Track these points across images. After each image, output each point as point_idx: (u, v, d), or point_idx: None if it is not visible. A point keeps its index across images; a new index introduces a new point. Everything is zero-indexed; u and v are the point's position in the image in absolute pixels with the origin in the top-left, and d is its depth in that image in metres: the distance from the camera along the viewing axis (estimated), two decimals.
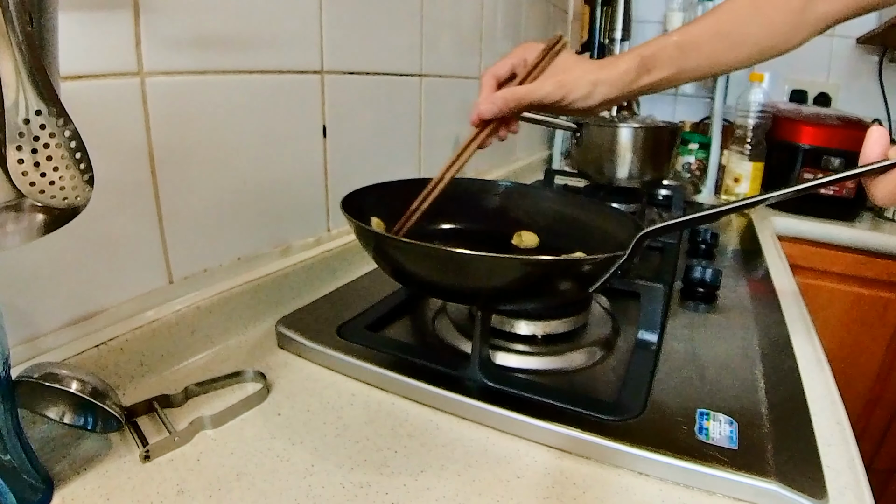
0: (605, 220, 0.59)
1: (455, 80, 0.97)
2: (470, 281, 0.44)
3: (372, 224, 0.55)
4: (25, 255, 0.40)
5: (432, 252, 0.42)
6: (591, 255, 0.44)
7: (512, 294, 0.46)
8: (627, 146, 1.00)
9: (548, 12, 1.44)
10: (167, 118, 0.48)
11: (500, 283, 0.44)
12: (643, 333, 0.56)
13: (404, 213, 0.58)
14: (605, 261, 0.43)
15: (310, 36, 0.63)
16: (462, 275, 0.44)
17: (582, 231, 0.61)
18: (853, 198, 1.28)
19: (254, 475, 0.38)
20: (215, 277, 0.56)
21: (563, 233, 0.62)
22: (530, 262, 0.43)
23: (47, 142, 0.27)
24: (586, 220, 0.62)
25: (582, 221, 0.62)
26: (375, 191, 0.58)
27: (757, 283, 0.78)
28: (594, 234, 0.59)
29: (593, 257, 0.44)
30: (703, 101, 1.69)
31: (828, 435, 0.44)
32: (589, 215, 0.62)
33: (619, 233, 0.53)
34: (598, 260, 0.43)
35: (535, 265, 0.43)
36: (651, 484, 0.39)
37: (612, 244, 0.51)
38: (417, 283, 0.51)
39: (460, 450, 0.42)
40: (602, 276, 0.45)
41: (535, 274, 0.43)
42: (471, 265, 0.42)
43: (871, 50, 1.53)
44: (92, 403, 0.37)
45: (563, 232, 0.62)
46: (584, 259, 0.46)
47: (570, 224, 0.63)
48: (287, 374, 0.51)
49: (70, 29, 0.39)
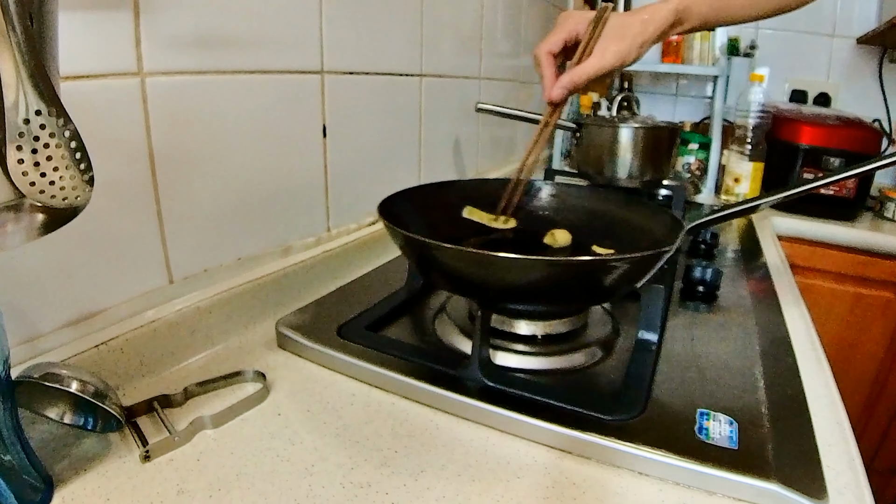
0: (637, 215, 0.59)
1: (455, 80, 0.97)
2: (522, 283, 0.45)
3: (465, 212, 0.55)
4: (25, 255, 0.40)
5: (492, 259, 0.43)
6: (639, 252, 0.45)
7: (562, 294, 0.47)
8: (627, 146, 1.00)
9: (548, 12, 1.44)
10: (167, 118, 0.48)
11: (553, 284, 0.45)
12: (643, 333, 0.56)
13: (444, 215, 0.62)
14: (652, 256, 0.44)
15: (310, 36, 0.63)
16: (515, 278, 0.45)
17: (613, 226, 0.61)
18: (853, 198, 1.28)
19: (254, 475, 0.38)
20: (215, 277, 0.56)
21: (593, 229, 0.63)
22: (581, 263, 0.44)
23: (47, 142, 0.27)
24: (617, 216, 0.62)
25: (612, 217, 0.63)
26: (413, 194, 0.60)
27: (757, 283, 0.78)
28: (626, 230, 0.59)
29: (642, 254, 0.44)
30: (703, 101, 1.69)
31: (828, 435, 0.44)
32: (620, 210, 0.62)
33: (654, 227, 0.53)
34: (647, 256, 0.44)
35: (583, 265, 0.44)
36: (651, 484, 0.39)
37: (648, 239, 0.51)
38: (469, 288, 0.51)
39: (460, 450, 0.42)
40: (649, 271, 0.45)
41: (587, 273, 0.44)
42: (530, 269, 0.43)
43: (871, 50, 1.53)
44: (92, 403, 0.37)
45: (593, 228, 0.63)
46: (635, 256, 0.46)
47: (600, 220, 0.63)
48: (287, 374, 0.51)
49: (70, 29, 0.39)
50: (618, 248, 0.61)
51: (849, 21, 1.53)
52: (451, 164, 1.01)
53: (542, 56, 0.61)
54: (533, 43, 1.35)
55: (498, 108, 0.91)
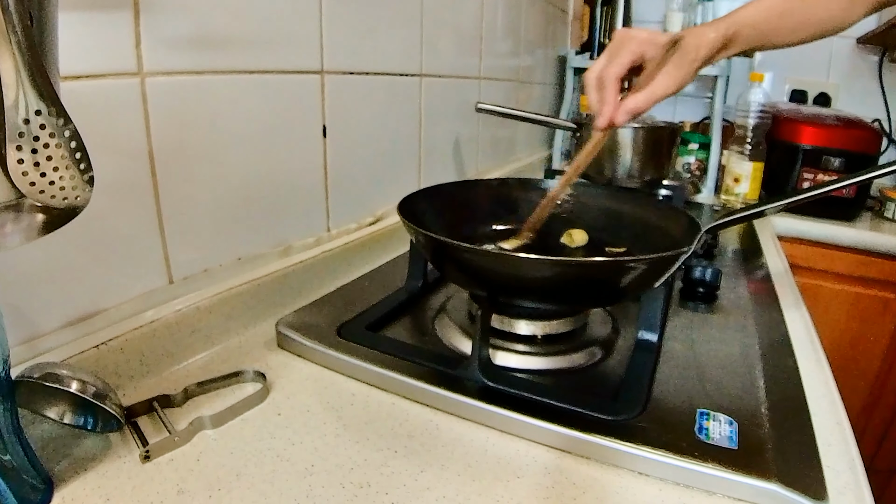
0: (653, 215, 0.60)
1: (455, 80, 0.97)
2: (541, 283, 0.46)
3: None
4: (25, 255, 0.40)
5: (519, 261, 0.44)
6: (656, 254, 0.46)
7: (579, 294, 0.48)
8: (627, 146, 1.00)
9: (548, 12, 1.44)
10: (167, 118, 0.48)
11: (570, 285, 0.46)
12: (643, 333, 0.56)
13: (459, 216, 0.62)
14: (670, 258, 0.44)
15: (310, 36, 0.63)
16: (536, 278, 0.46)
17: (629, 226, 0.61)
18: (853, 198, 1.28)
19: (254, 475, 0.38)
20: (215, 277, 0.56)
21: (609, 229, 0.63)
22: (600, 264, 0.45)
23: (47, 142, 0.27)
24: (633, 215, 0.62)
25: (628, 216, 0.63)
26: (430, 194, 0.61)
27: (757, 283, 0.78)
28: (642, 230, 0.59)
29: (659, 255, 0.45)
30: (703, 101, 1.69)
31: (828, 435, 0.44)
32: (636, 210, 0.63)
33: (670, 227, 0.53)
34: (664, 257, 0.44)
35: (600, 266, 0.45)
36: (651, 484, 0.39)
37: (665, 239, 0.51)
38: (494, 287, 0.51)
39: (460, 450, 0.42)
40: (665, 273, 0.45)
41: (605, 274, 0.44)
42: (555, 269, 0.44)
43: (871, 50, 1.53)
44: (92, 403, 0.37)
45: (609, 228, 0.63)
46: (652, 258, 0.46)
47: (616, 219, 0.64)
48: (287, 374, 0.51)
49: (70, 29, 0.39)
50: (635, 248, 0.61)
51: None
52: (451, 164, 1.01)
53: (608, 80, 0.57)
54: (533, 42, 1.35)
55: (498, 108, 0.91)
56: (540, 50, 1.43)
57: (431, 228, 0.49)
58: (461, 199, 0.60)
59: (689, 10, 1.54)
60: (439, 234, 0.48)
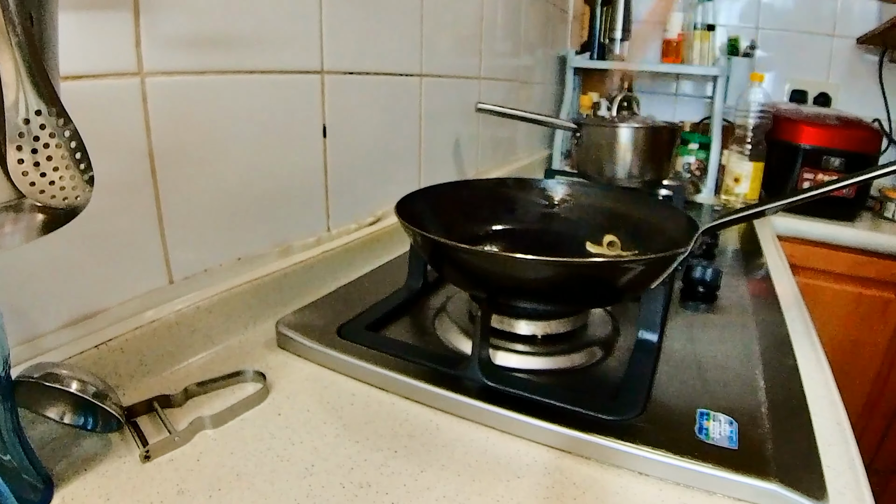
0: (653, 215, 0.60)
1: (455, 80, 0.97)
2: (538, 283, 0.46)
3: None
4: (25, 255, 0.40)
5: (533, 263, 0.44)
6: (655, 254, 0.46)
7: (576, 295, 0.48)
8: (627, 146, 1.00)
9: (548, 12, 1.44)
10: (167, 118, 0.48)
11: (566, 285, 0.46)
12: (643, 333, 0.56)
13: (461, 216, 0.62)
14: (666, 258, 0.44)
15: (310, 36, 0.63)
16: (532, 278, 0.46)
17: (628, 227, 0.62)
18: (853, 198, 1.28)
19: (254, 475, 0.38)
20: (215, 277, 0.56)
21: (609, 229, 0.63)
22: (596, 265, 0.45)
23: (47, 142, 0.27)
24: (632, 215, 0.63)
25: (628, 216, 0.63)
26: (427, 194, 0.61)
27: (757, 283, 0.78)
28: (641, 230, 0.59)
29: (658, 255, 0.45)
30: (703, 101, 1.69)
31: (828, 435, 0.44)
32: (636, 210, 0.63)
33: (669, 227, 0.53)
34: (661, 258, 0.45)
35: (597, 266, 0.46)
36: (651, 484, 0.39)
37: (664, 239, 0.51)
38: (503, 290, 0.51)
39: (460, 450, 0.42)
40: (662, 273, 0.45)
41: (601, 274, 0.45)
42: (556, 268, 0.44)
43: (871, 50, 1.53)
44: (92, 403, 0.37)
45: (609, 228, 0.64)
46: (649, 258, 0.46)
47: (615, 220, 0.64)
48: (287, 374, 0.51)
49: (70, 29, 0.39)
50: (635, 248, 0.61)
51: (849, 21, 1.53)
52: (452, 164, 1.01)
53: None
54: (533, 42, 1.35)
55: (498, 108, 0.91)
56: (540, 50, 1.43)
57: (429, 229, 0.49)
58: (459, 200, 0.61)
59: (689, 10, 1.55)
60: (437, 234, 0.48)
